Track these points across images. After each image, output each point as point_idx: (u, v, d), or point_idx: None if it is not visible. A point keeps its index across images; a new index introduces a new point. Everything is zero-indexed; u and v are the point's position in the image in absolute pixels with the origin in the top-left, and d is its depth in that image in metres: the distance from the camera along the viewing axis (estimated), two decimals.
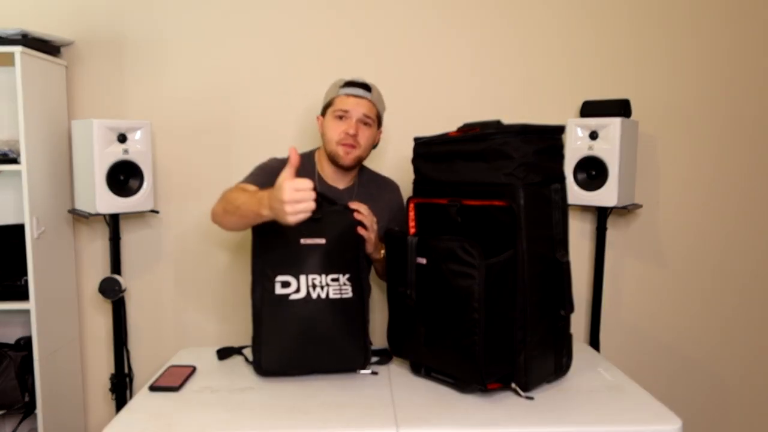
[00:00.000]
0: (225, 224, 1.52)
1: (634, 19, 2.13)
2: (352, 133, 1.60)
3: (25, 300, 1.85)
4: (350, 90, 1.63)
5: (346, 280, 1.43)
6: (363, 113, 1.62)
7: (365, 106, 1.63)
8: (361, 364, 1.45)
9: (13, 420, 2.04)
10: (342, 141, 1.62)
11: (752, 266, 2.22)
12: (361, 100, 1.63)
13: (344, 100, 1.63)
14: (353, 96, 1.63)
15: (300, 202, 1.22)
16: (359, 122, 1.62)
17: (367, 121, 1.64)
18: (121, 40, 2.09)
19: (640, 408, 1.25)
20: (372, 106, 1.64)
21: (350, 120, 1.62)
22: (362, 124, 1.63)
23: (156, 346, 2.18)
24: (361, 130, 1.63)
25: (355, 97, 1.63)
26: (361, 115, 1.62)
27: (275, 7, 2.10)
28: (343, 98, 1.63)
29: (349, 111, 1.62)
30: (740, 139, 2.17)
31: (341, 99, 1.63)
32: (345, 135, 1.61)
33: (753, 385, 2.26)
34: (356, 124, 1.62)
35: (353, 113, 1.62)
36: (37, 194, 1.88)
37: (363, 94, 1.63)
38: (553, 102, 2.14)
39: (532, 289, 1.25)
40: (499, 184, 1.27)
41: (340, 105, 1.63)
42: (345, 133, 1.61)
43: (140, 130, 1.90)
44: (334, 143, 1.63)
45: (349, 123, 1.61)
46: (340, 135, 1.62)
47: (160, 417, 1.22)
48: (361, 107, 1.62)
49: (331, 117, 1.65)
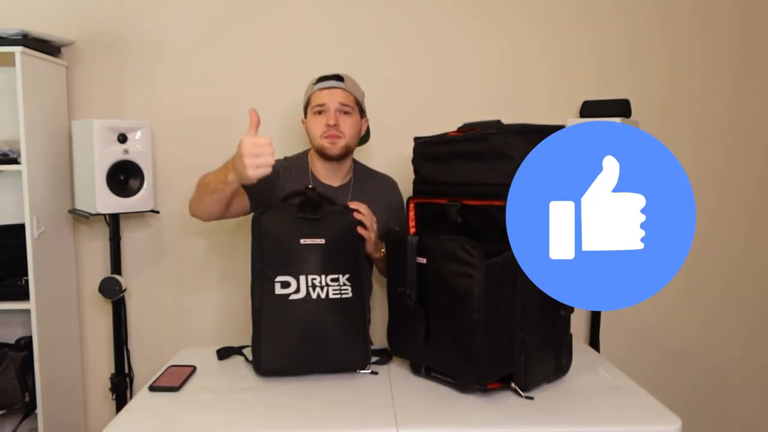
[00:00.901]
0: (200, 209, 1.56)
1: (634, 19, 2.13)
2: (332, 124, 1.63)
3: (26, 300, 1.85)
4: (322, 84, 1.66)
5: (345, 280, 1.43)
6: (339, 102, 1.64)
7: (340, 95, 1.65)
8: (361, 364, 1.45)
9: (14, 420, 2.04)
10: (325, 134, 1.64)
11: (752, 266, 2.22)
12: (335, 90, 1.65)
13: (319, 95, 1.66)
14: (326, 89, 1.65)
15: (259, 156, 1.28)
16: (338, 112, 1.64)
17: (346, 109, 1.66)
18: (122, 40, 2.09)
19: (640, 408, 1.25)
20: (347, 93, 1.66)
21: (329, 112, 1.64)
22: (341, 113, 1.65)
23: (156, 346, 2.18)
24: (342, 119, 1.65)
25: (328, 89, 1.65)
26: (337, 105, 1.64)
27: (275, 7, 2.10)
28: (317, 93, 1.66)
29: (326, 103, 1.64)
30: (741, 139, 2.17)
31: (316, 95, 1.66)
32: (326, 127, 1.63)
33: (753, 385, 2.26)
34: (335, 114, 1.64)
35: (329, 104, 1.64)
36: (38, 194, 1.88)
37: (335, 84, 1.66)
38: (553, 102, 2.14)
39: (532, 289, 1.25)
40: (499, 184, 1.26)
41: (316, 100, 1.66)
42: (326, 125, 1.63)
43: (140, 130, 1.90)
44: (319, 138, 1.65)
45: (327, 115, 1.64)
46: (322, 129, 1.64)
47: (160, 417, 1.22)
48: (336, 97, 1.64)
49: (311, 115, 1.68)
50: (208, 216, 1.58)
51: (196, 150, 2.13)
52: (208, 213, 1.56)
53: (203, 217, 1.59)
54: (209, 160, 2.12)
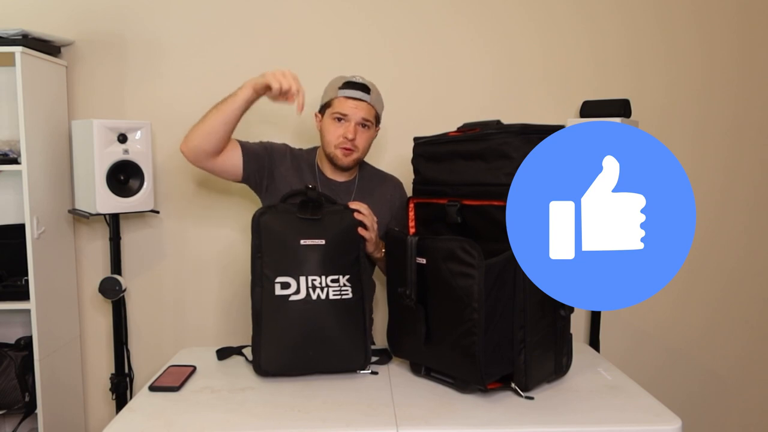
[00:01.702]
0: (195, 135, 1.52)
1: (634, 19, 2.13)
2: (350, 138, 1.59)
3: (26, 300, 1.85)
4: (349, 92, 1.60)
5: (346, 281, 1.43)
6: (362, 117, 1.60)
7: (364, 110, 1.60)
8: (361, 364, 1.45)
9: (14, 420, 2.04)
10: (340, 145, 1.61)
11: (752, 266, 2.22)
12: (360, 103, 1.60)
13: (343, 103, 1.60)
14: (352, 99, 1.59)
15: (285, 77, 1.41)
16: (358, 125, 1.60)
17: (366, 123, 1.62)
18: (122, 40, 2.09)
19: (640, 408, 1.25)
20: (371, 108, 1.62)
21: (349, 124, 1.60)
22: (360, 126, 1.61)
23: (156, 346, 2.18)
24: (360, 133, 1.61)
25: (354, 99, 1.59)
26: (360, 119, 1.60)
27: (275, 7, 2.10)
28: (342, 101, 1.60)
29: (348, 115, 1.59)
30: (741, 138, 2.17)
31: (340, 101, 1.60)
32: (344, 139, 1.60)
33: (753, 385, 2.27)
34: (355, 127, 1.60)
35: (352, 117, 1.59)
36: (38, 194, 1.88)
37: (362, 96, 1.60)
38: (553, 102, 2.14)
39: (532, 289, 1.25)
40: (499, 184, 1.27)
41: (338, 108, 1.60)
42: (344, 137, 1.59)
43: (140, 130, 1.90)
44: (333, 146, 1.62)
45: (347, 127, 1.59)
46: (338, 139, 1.60)
47: (160, 417, 1.22)
48: (360, 111, 1.60)
49: (329, 119, 1.62)
50: (200, 145, 1.51)
51: None
52: (201, 140, 1.50)
53: (195, 145, 1.52)
54: None
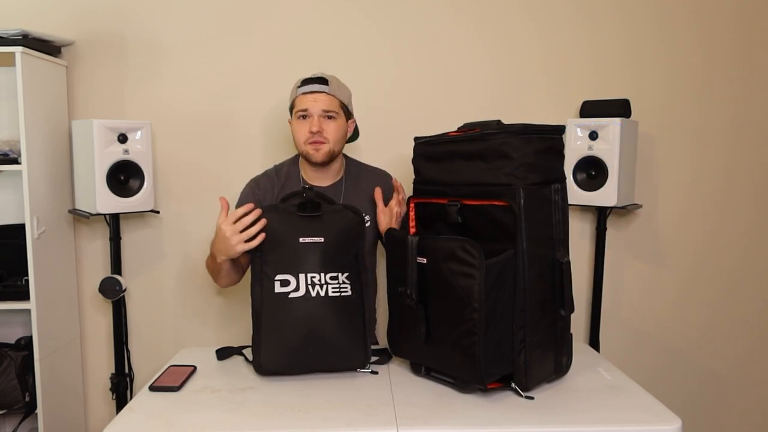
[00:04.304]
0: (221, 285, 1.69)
1: (634, 19, 2.13)
2: (315, 131, 1.61)
3: (26, 300, 1.86)
4: (306, 88, 1.63)
5: (345, 278, 1.43)
6: (322, 109, 1.62)
7: (324, 101, 1.62)
8: (360, 362, 1.45)
9: (14, 420, 2.04)
10: (309, 140, 1.63)
11: (752, 266, 2.22)
12: (319, 95, 1.62)
13: (303, 100, 1.63)
14: (310, 93, 1.62)
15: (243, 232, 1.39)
16: (321, 118, 1.62)
17: (330, 114, 1.64)
18: (122, 40, 2.09)
19: (640, 408, 1.25)
20: (331, 98, 1.64)
21: (312, 118, 1.62)
22: (325, 118, 1.63)
23: (156, 346, 2.18)
24: (326, 125, 1.63)
25: (311, 93, 1.62)
26: (320, 111, 1.62)
27: (275, 7, 2.10)
28: (301, 98, 1.63)
29: (308, 109, 1.62)
30: (740, 138, 2.17)
31: (300, 99, 1.64)
32: (310, 134, 1.62)
33: (753, 385, 2.26)
34: (318, 120, 1.62)
35: (313, 110, 1.62)
36: (38, 194, 1.88)
37: (319, 88, 1.62)
38: (553, 102, 2.14)
39: (533, 289, 1.25)
40: (499, 184, 1.27)
41: (299, 105, 1.64)
42: (309, 132, 1.62)
43: (140, 130, 1.90)
44: (303, 144, 1.64)
45: (311, 121, 1.62)
46: (305, 135, 1.63)
47: (160, 417, 1.22)
48: (320, 103, 1.62)
49: (295, 119, 1.66)
50: (229, 283, 1.67)
51: (196, 150, 2.13)
52: (225, 281, 1.66)
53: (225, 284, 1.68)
54: (209, 160, 2.14)
